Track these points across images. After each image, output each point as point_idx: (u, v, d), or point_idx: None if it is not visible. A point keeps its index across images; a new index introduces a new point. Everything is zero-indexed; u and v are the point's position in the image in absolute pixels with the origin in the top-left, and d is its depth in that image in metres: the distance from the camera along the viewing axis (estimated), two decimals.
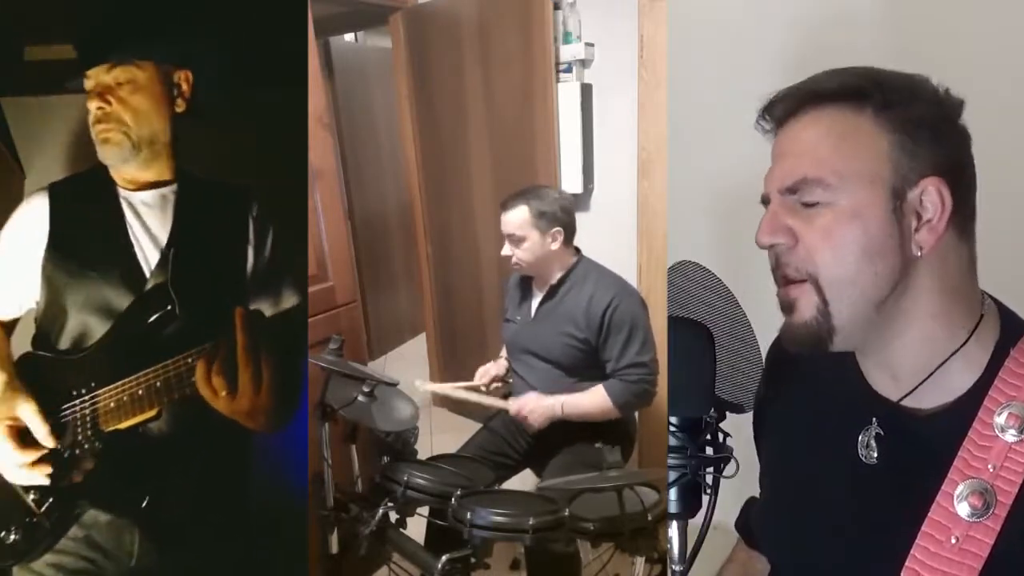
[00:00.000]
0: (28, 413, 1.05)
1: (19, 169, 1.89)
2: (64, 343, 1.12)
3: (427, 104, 3.13)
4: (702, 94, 1.77)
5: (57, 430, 1.07)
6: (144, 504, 1.07)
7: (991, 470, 0.62)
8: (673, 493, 0.78)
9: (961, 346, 0.67)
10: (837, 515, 0.77)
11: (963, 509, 0.63)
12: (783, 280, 0.71)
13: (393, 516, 1.56)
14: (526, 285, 2.01)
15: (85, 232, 1.12)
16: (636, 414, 2.09)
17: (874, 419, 0.73)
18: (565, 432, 1.85)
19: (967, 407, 0.66)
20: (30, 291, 1.13)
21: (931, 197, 0.65)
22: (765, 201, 0.73)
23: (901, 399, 0.71)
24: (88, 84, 1.09)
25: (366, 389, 1.60)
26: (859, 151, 0.66)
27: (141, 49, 1.09)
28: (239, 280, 1.14)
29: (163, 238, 1.12)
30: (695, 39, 1.78)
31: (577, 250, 1.93)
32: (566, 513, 1.41)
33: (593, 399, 1.80)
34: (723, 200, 1.73)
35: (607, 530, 1.39)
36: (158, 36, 1.11)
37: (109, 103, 1.07)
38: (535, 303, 1.95)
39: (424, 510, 1.60)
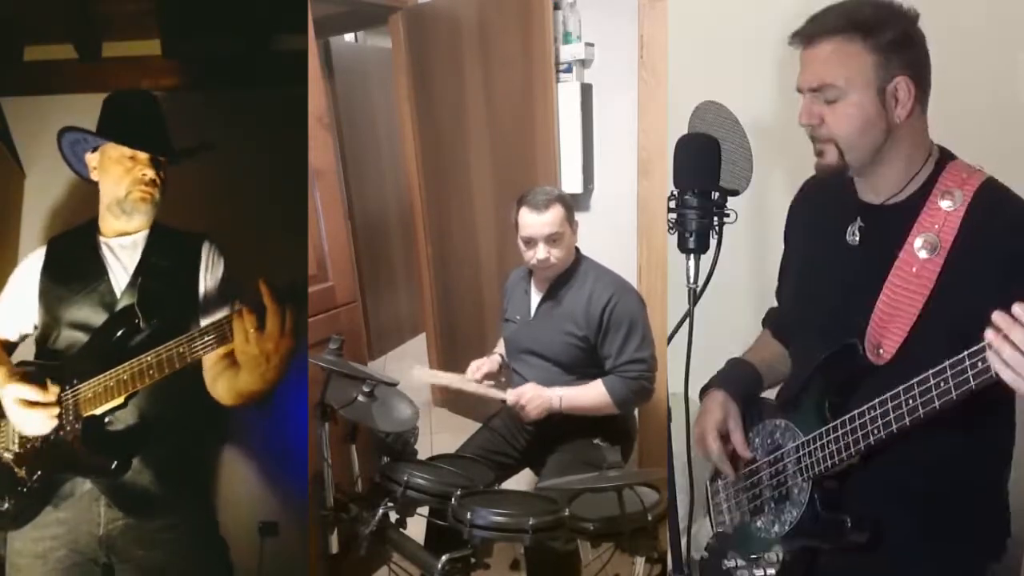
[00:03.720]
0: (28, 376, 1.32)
1: (19, 169, 1.89)
2: (56, 350, 1.39)
3: (427, 104, 3.13)
4: (702, 94, 1.77)
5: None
6: (112, 467, 1.31)
7: (936, 228, 1.03)
8: (693, 236, 1.13)
9: (919, 170, 1.09)
10: (831, 280, 1.17)
11: (921, 253, 1.03)
12: (818, 140, 1.11)
13: (393, 516, 1.56)
14: (525, 284, 2.01)
15: (73, 266, 1.43)
16: (636, 413, 2.09)
17: (858, 217, 1.14)
18: (564, 429, 1.86)
19: (922, 196, 1.06)
20: (29, 319, 1.44)
21: (902, 88, 1.03)
22: (799, 90, 1.10)
23: (880, 203, 1.12)
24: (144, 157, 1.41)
25: (366, 389, 1.60)
26: (855, 66, 1.04)
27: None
28: (192, 300, 1.41)
29: (131, 268, 1.41)
30: (695, 39, 1.78)
31: (576, 249, 1.93)
32: (566, 513, 1.41)
33: (591, 394, 1.81)
34: None
35: (607, 530, 1.40)
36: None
37: (160, 175, 1.41)
38: (534, 302, 1.95)
39: (424, 510, 1.60)
